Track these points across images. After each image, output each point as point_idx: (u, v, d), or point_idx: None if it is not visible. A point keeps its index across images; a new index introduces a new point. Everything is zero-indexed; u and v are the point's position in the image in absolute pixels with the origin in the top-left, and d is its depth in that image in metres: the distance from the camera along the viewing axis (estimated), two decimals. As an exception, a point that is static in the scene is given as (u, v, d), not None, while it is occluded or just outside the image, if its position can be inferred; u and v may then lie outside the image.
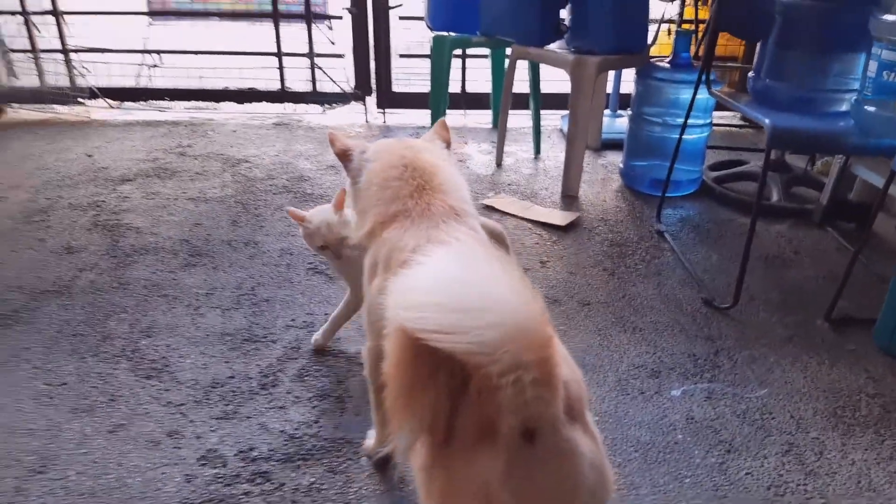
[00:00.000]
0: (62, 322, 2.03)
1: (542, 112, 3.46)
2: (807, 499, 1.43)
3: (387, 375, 0.90)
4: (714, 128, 3.17)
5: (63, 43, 4.00)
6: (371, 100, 4.09)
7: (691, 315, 2.08)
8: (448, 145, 1.44)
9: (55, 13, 3.93)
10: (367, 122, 4.03)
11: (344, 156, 1.41)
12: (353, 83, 4.06)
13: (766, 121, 1.98)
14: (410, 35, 4.09)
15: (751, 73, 2.36)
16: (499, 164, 3.28)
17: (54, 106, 4.01)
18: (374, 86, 4.07)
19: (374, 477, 1.49)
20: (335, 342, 1.93)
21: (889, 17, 1.84)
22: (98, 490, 1.44)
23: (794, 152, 2.87)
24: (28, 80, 4.08)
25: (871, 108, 1.91)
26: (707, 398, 1.72)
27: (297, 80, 4.11)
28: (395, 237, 1.22)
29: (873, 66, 1.90)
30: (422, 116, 4.02)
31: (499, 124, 3.30)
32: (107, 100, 4.06)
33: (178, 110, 4.14)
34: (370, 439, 1.54)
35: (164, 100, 4.11)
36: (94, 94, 4.02)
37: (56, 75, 4.06)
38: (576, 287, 2.23)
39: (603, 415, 1.66)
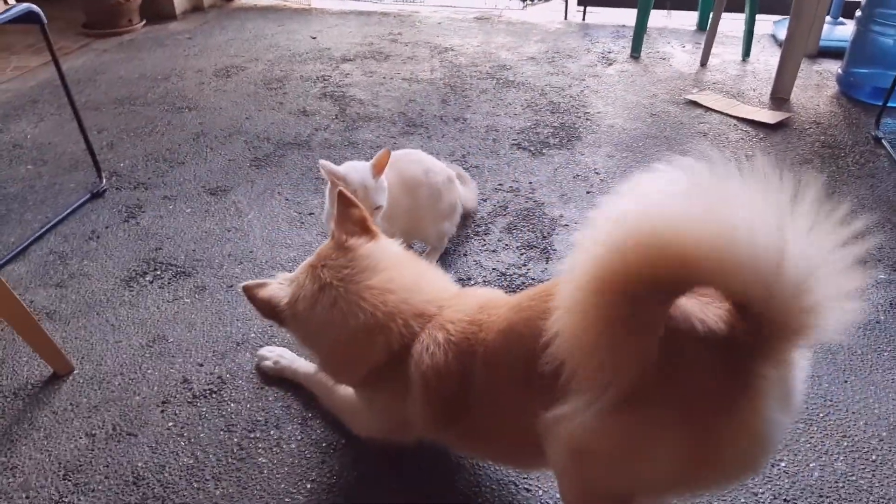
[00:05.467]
0: (305, 167, 2.36)
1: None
2: None
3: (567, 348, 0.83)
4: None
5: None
6: (573, -4, 4.09)
7: (906, 216, 2.02)
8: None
9: None
10: (565, 18, 4.05)
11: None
12: (556, -20, 4.07)
13: None
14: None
15: None
16: (703, 64, 3.21)
17: (280, -6, 4.41)
18: (576, -17, 4.05)
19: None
20: (539, 205, 2.10)
21: None
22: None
23: None
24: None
25: None
26: (915, 289, 1.71)
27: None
28: None
29: None
30: (622, 15, 3.97)
31: (709, 22, 3.20)
32: (325, -10, 4.39)
33: (388, 2, 4.39)
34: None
35: (376, -8, 4.37)
36: (314, -16, 4.36)
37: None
38: (780, 181, 2.21)
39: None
